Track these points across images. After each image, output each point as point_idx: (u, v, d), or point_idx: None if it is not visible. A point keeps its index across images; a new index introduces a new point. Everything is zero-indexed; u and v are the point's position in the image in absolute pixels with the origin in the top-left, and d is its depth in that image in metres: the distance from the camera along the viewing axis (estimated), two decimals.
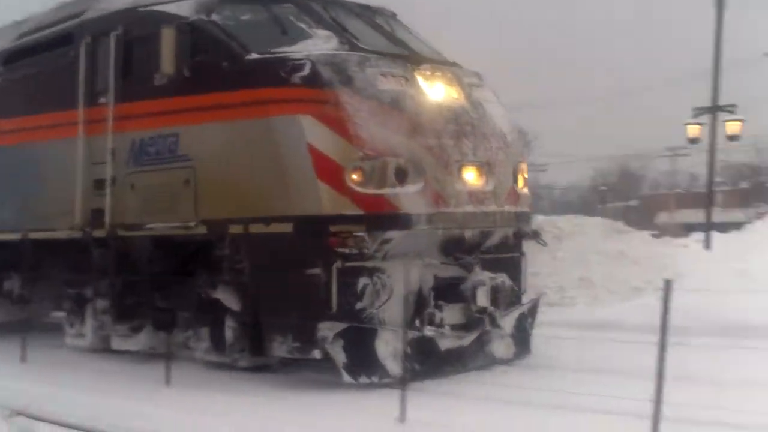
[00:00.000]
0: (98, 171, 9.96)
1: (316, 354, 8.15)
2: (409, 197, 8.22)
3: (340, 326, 7.97)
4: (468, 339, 8.78)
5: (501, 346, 9.26)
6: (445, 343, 8.64)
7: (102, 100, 10.04)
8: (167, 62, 8.84)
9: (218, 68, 8.86)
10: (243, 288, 8.82)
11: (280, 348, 8.41)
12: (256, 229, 8.46)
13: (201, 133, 8.97)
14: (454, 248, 8.82)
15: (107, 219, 9.80)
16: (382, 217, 8.13)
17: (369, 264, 8.22)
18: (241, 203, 8.60)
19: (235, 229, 8.68)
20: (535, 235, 9.82)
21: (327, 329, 8.00)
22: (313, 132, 8.10)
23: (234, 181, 8.70)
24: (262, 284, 8.59)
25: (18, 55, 11.67)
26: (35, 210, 10.88)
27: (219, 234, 8.90)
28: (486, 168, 8.91)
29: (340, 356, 8.01)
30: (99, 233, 9.92)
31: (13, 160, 11.44)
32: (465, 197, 8.66)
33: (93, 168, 10.09)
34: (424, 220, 8.31)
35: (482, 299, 8.73)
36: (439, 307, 8.63)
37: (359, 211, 8.05)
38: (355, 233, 7.92)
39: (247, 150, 8.59)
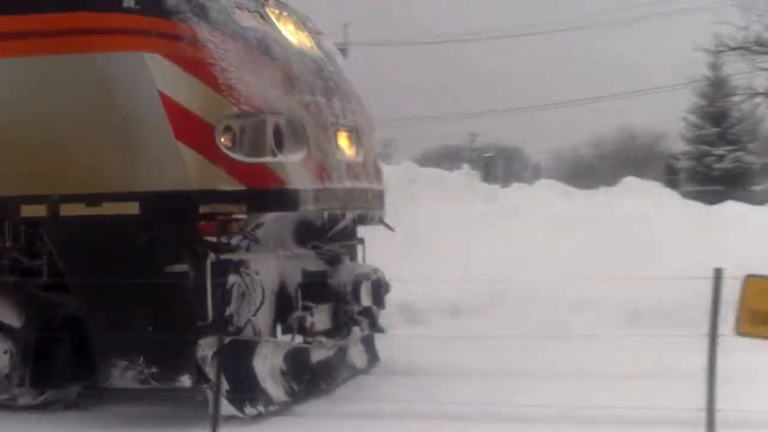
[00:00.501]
0: None
1: (186, 380, 6.07)
2: (295, 168, 6.38)
3: (219, 342, 5.87)
4: (336, 346, 7.40)
5: (356, 354, 7.95)
6: (318, 355, 7.08)
7: None
8: None
9: None
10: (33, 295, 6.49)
11: (124, 376, 6.09)
12: (72, 210, 6.03)
13: None
14: (311, 234, 7.17)
15: None
16: (268, 195, 6.23)
17: (242, 257, 6.34)
18: (44, 172, 6.14)
19: (32, 210, 6.15)
20: (381, 220, 8.24)
21: (208, 346, 5.93)
22: (166, 77, 5.97)
23: (38, 141, 6.17)
24: (90, 290, 6.14)
25: None
26: None
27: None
28: (355, 134, 7.40)
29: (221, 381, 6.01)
30: None
31: None
32: (344, 170, 7.08)
33: None
34: (311, 199, 6.52)
35: (366, 297, 7.14)
36: (308, 309, 6.88)
37: (239, 186, 6.05)
38: (235, 215, 5.97)
39: (62, 98, 6.14)
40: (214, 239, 5.93)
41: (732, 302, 5.17)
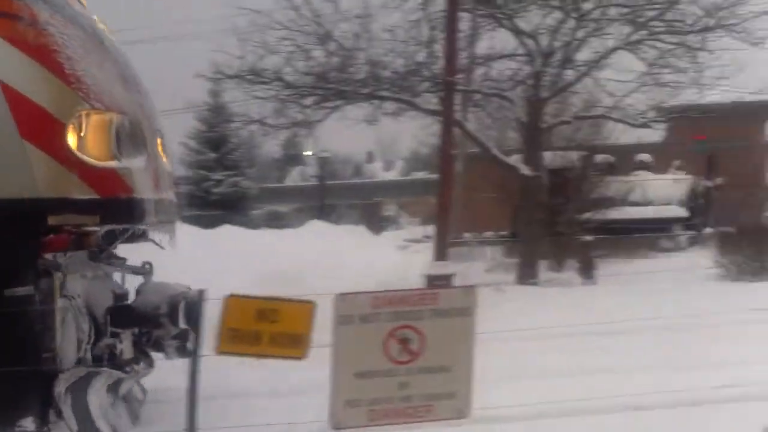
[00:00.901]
0: None
1: (28, 424, 5.09)
2: (139, 175, 5.45)
3: (79, 374, 5.06)
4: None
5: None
6: (125, 387, 6.00)
7: None
8: None
9: None
10: None
11: None
12: None
13: None
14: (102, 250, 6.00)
15: None
16: (120, 205, 5.26)
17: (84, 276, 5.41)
18: None
19: None
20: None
21: (65, 381, 5.00)
22: (6, 63, 4.85)
23: None
24: None
25: None
26: None
27: None
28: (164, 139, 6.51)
29: (72, 422, 5.08)
30: None
31: None
32: (168, 178, 6.30)
33: None
34: (153, 210, 5.63)
35: (182, 319, 5.99)
36: (116, 336, 5.85)
37: (91, 194, 5.04)
38: (88, 228, 5.06)
39: None
40: (62, 256, 4.99)
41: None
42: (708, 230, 28.24)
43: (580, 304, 12.26)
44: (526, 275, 16.64)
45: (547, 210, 20.45)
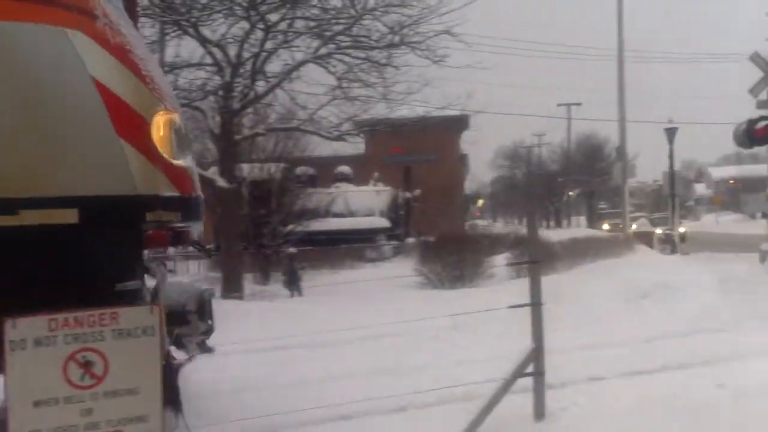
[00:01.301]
0: None
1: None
2: (195, 173, 5.63)
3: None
4: None
5: None
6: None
7: None
8: None
9: None
10: None
11: None
12: None
13: None
14: None
15: None
16: (194, 202, 5.46)
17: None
18: None
19: None
20: None
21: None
22: (97, 61, 4.79)
23: None
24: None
25: None
26: None
27: None
28: None
29: None
30: None
31: None
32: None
33: None
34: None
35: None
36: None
37: (175, 192, 5.17)
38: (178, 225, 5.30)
39: None
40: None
41: None
42: (410, 240, 30.03)
43: (287, 316, 12.33)
44: (231, 289, 16.44)
45: (250, 222, 20.47)
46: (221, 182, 16.74)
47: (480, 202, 79.75)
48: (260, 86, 17.23)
